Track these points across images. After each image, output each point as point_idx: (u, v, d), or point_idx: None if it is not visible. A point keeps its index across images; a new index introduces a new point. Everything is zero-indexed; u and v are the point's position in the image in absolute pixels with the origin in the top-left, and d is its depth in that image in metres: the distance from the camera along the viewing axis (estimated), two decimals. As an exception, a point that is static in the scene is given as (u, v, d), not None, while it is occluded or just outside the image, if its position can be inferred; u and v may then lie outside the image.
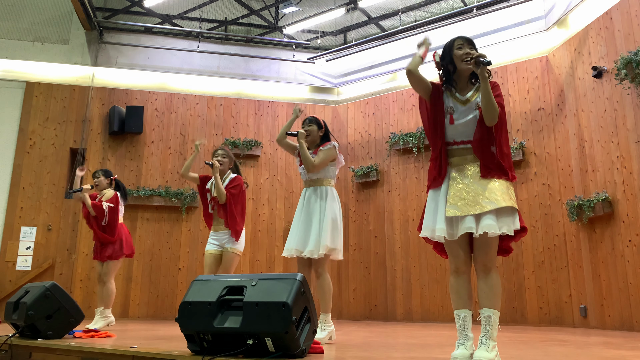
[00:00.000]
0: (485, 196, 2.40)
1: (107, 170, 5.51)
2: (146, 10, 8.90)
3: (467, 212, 2.40)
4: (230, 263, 4.47)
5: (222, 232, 4.54)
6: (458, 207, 2.43)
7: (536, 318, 6.71)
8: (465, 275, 2.51)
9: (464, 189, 2.46)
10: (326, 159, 3.85)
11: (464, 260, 2.50)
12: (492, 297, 2.39)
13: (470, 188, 2.45)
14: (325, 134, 4.01)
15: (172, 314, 7.75)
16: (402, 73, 8.62)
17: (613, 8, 6.17)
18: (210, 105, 8.83)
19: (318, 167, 3.82)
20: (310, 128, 3.96)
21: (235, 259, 4.50)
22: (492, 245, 2.42)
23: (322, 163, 3.83)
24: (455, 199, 2.46)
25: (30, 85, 8.32)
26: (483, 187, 2.43)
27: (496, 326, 2.36)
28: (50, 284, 3.68)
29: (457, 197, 2.46)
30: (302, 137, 3.87)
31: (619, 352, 3.25)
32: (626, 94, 5.83)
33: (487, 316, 2.37)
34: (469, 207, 2.41)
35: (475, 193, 2.43)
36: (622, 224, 5.80)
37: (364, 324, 6.78)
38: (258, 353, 2.40)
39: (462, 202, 2.43)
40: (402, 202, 8.13)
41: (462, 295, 2.48)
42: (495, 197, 2.39)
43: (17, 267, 7.63)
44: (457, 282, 2.50)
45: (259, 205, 8.57)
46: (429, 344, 3.64)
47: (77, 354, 3.08)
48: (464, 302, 2.47)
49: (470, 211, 2.40)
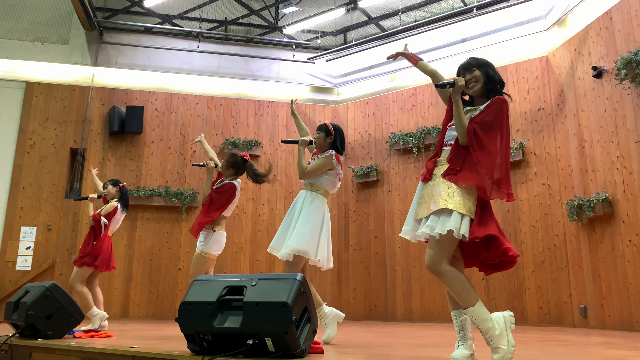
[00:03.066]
0: (434, 199, 2.47)
1: (115, 180, 5.48)
2: (146, 10, 8.90)
3: (422, 215, 2.50)
4: (194, 262, 4.33)
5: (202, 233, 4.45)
6: (420, 209, 2.54)
7: (536, 318, 6.71)
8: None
9: (430, 190, 2.53)
10: (318, 167, 3.75)
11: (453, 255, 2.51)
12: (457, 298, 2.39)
13: (432, 189, 2.52)
14: (334, 142, 3.86)
15: (172, 314, 7.75)
16: (402, 73, 8.63)
17: (613, 8, 6.17)
18: (210, 105, 8.83)
19: (308, 175, 3.75)
20: (318, 135, 3.88)
21: (199, 259, 4.31)
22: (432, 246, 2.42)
23: (314, 171, 3.75)
24: (421, 200, 2.56)
25: (30, 85, 8.32)
26: (439, 189, 2.49)
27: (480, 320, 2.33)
28: (50, 284, 3.68)
29: (423, 198, 2.56)
30: (303, 144, 3.84)
31: (619, 352, 3.25)
32: (626, 94, 5.83)
33: (464, 318, 2.40)
34: (424, 210, 2.51)
35: (430, 195, 2.51)
36: (622, 224, 5.80)
37: (364, 324, 6.78)
38: (258, 353, 2.40)
39: (423, 205, 2.53)
40: (402, 202, 8.14)
41: (450, 295, 2.50)
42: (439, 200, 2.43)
43: (17, 267, 7.64)
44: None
45: (259, 205, 8.57)
46: (429, 344, 3.64)
47: (77, 354, 3.08)
48: (455, 303, 2.48)
49: (425, 214, 2.49)
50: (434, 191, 2.50)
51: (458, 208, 2.39)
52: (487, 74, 2.63)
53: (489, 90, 2.63)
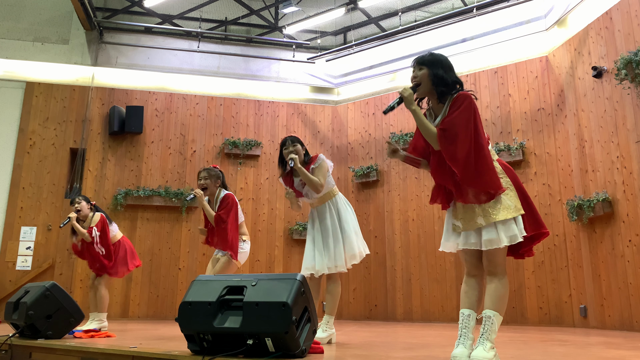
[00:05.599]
0: (477, 214, 2.45)
1: (85, 197, 5.39)
2: (146, 10, 8.90)
3: (468, 228, 2.48)
4: (221, 267, 4.38)
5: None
6: (460, 223, 2.52)
7: (536, 318, 6.71)
8: (477, 278, 2.54)
9: (462, 206, 2.52)
10: (325, 173, 3.83)
11: (475, 264, 2.55)
12: (495, 299, 2.40)
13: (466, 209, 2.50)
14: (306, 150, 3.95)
15: (172, 314, 7.75)
16: (402, 73, 8.62)
17: (613, 8, 6.17)
18: (210, 105, 8.83)
19: (324, 185, 3.80)
20: (295, 148, 3.85)
21: (228, 264, 4.39)
22: (495, 254, 2.44)
23: (324, 178, 3.81)
24: (458, 215, 2.54)
25: (30, 85, 8.32)
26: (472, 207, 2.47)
27: (495, 329, 2.37)
28: (50, 284, 3.68)
29: (460, 213, 2.53)
30: (298, 162, 3.75)
31: (619, 352, 3.25)
32: (626, 94, 5.83)
33: (487, 316, 2.38)
34: (468, 224, 2.48)
35: (468, 212, 2.48)
36: (622, 224, 5.80)
37: (364, 324, 6.78)
38: (258, 353, 2.40)
39: (462, 219, 2.51)
40: (402, 202, 8.13)
41: (469, 295, 2.51)
42: (486, 214, 2.42)
43: (17, 267, 7.63)
44: (466, 284, 2.55)
45: (259, 205, 8.57)
46: (429, 344, 3.64)
47: (77, 354, 3.08)
48: (470, 303, 2.49)
49: (469, 228, 2.47)
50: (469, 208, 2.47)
51: (507, 215, 2.39)
52: (435, 74, 2.49)
53: (442, 92, 2.50)
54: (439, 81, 2.48)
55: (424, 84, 2.52)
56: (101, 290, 5.15)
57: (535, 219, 2.48)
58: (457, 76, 2.56)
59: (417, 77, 2.54)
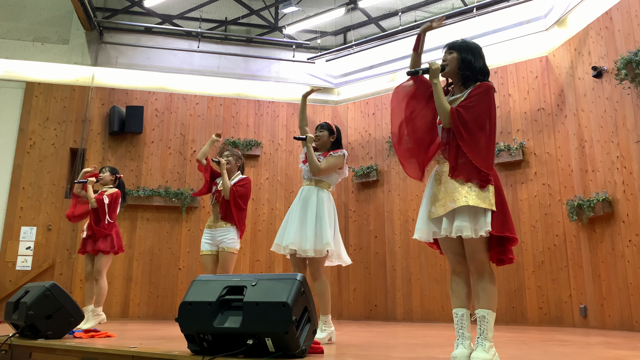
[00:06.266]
0: (451, 197, 2.44)
1: (113, 168, 5.54)
2: (146, 10, 8.90)
3: (441, 213, 2.46)
4: (227, 262, 4.43)
5: (218, 230, 4.50)
6: (435, 208, 2.50)
7: (536, 318, 6.71)
8: (462, 275, 2.53)
9: (441, 189, 2.51)
10: (334, 165, 3.86)
11: (458, 260, 2.53)
12: (485, 298, 2.40)
13: (446, 187, 2.49)
14: (337, 141, 3.99)
15: (172, 314, 7.75)
16: (402, 73, 8.62)
17: (613, 8, 6.17)
18: (210, 105, 8.83)
19: (323, 172, 3.83)
20: (321, 134, 3.97)
21: (232, 258, 4.47)
22: (476, 248, 2.41)
23: (329, 168, 3.84)
24: (434, 199, 2.53)
25: (30, 85, 8.32)
26: (453, 186, 2.46)
27: (491, 327, 2.37)
28: (50, 284, 3.68)
29: (435, 197, 2.52)
30: (310, 141, 3.88)
31: (619, 352, 3.25)
32: (626, 94, 5.83)
33: (481, 316, 2.39)
34: (441, 208, 2.47)
35: (446, 193, 2.47)
36: (622, 224, 5.80)
37: (364, 324, 6.78)
38: (258, 353, 2.40)
39: (438, 203, 2.49)
40: (402, 202, 8.14)
41: (459, 294, 2.51)
42: (457, 197, 2.41)
43: (17, 267, 7.63)
44: (453, 282, 2.54)
45: (259, 205, 8.57)
46: (429, 344, 3.64)
47: (77, 354, 3.08)
48: (461, 301, 2.49)
49: (442, 211, 2.45)
50: (448, 188, 2.47)
51: (479, 203, 2.37)
52: (463, 59, 2.58)
53: (466, 77, 2.58)
54: (465, 66, 2.58)
55: (451, 65, 2.62)
56: (101, 281, 5.09)
57: (505, 221, 2.42)
58: (486, 66, 2.63)
59: (446, 60, 2.64)
